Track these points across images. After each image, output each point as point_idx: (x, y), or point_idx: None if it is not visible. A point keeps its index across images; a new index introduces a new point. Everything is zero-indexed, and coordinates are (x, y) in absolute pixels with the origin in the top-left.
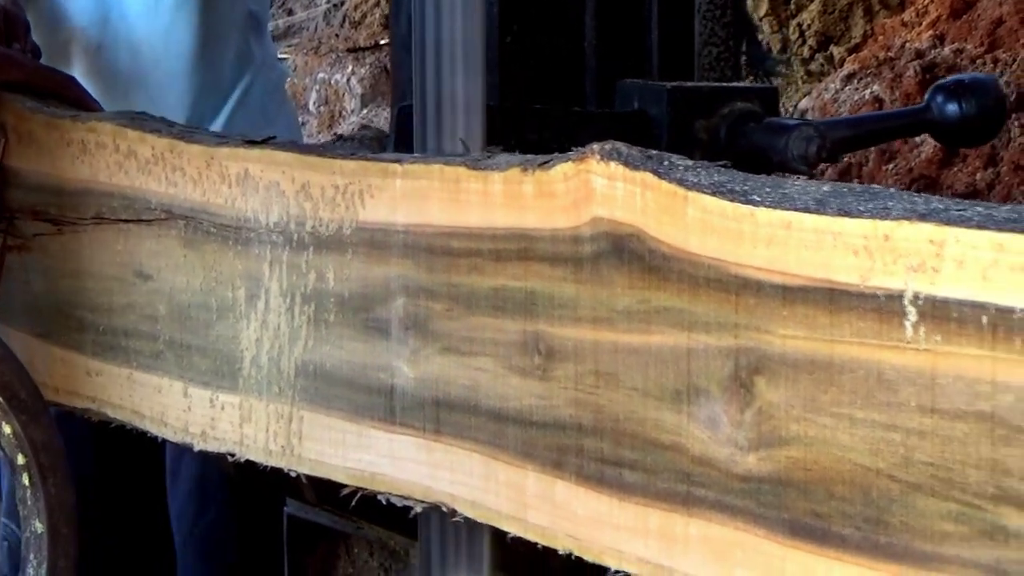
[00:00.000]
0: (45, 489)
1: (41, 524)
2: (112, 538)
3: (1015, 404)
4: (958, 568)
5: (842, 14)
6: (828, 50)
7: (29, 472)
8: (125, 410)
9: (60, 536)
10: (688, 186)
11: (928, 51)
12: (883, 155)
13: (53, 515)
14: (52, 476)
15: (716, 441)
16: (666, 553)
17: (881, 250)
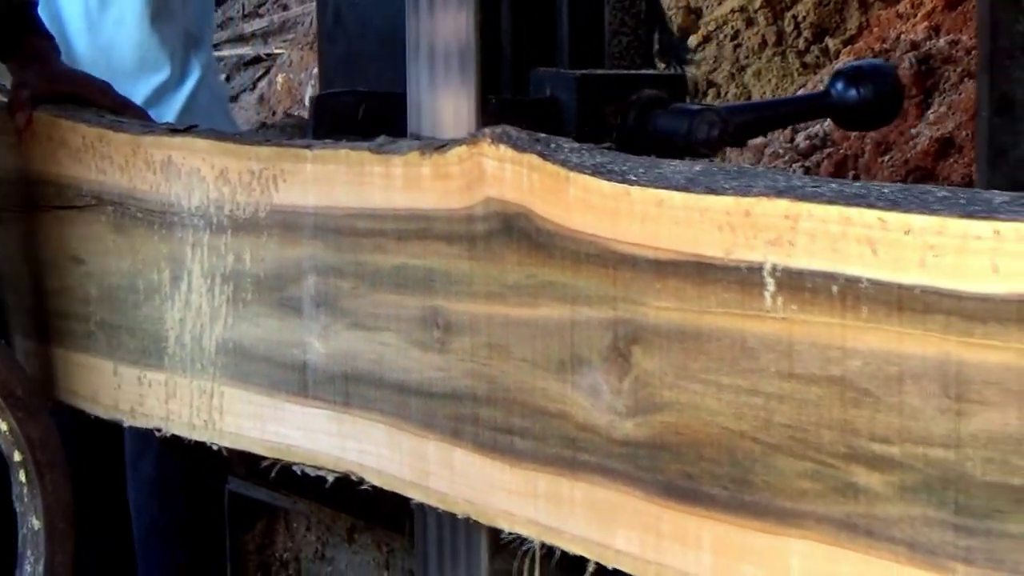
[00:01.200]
0: (42, 486)
1: (38, 521)
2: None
3: (863, 368)
4: (814, 523)
5: (837, 6)
6: (823, 42)
7: (26, 469)
8: (60, 389)
9: (57, 532)
10: (570, 167)
11: (923, 43)
12: (879, 147)
13: (50, 511)
14: (49, 473)
15: (598, 408)
16: (554, 515)
17: (743, 225)
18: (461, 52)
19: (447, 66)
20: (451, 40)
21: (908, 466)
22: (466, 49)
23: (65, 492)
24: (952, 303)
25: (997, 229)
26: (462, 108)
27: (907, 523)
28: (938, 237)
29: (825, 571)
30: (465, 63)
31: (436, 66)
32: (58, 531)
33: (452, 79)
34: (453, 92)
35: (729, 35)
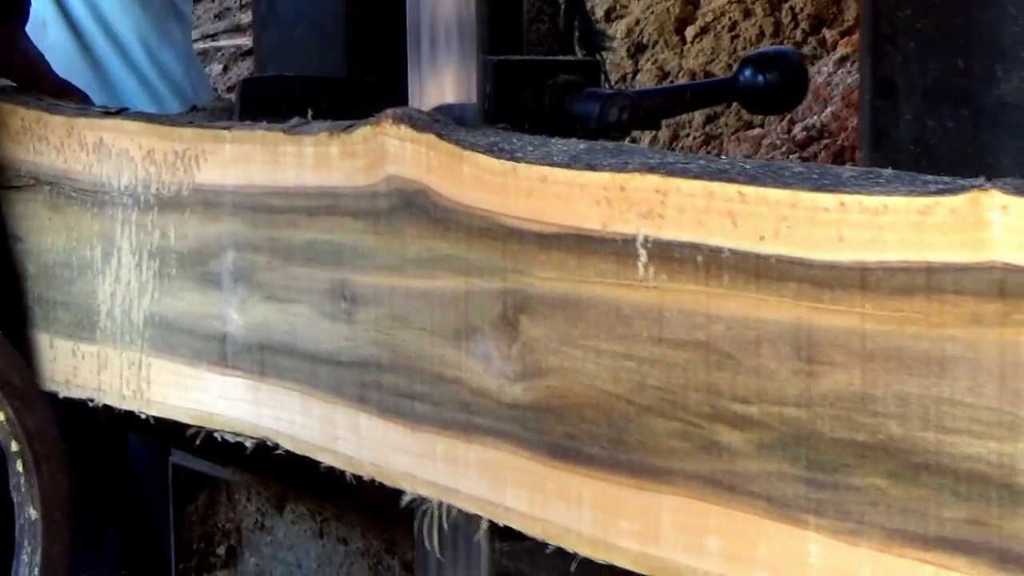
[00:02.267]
0: (39, 476)
1: (35, 511)
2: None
3: (725, 333)
4: (682, 480)
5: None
6: (820, 33)
7: (23, 459)
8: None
9: (55, 523)
10: (464, 146)
11: None
12: None
13: (47, 502)
14: (46, 463)
15: (489, 374)
16: (451, 476)
17: (618, 200)
18: (461, 29)
19: (447, 44)
20: (451, 17)
21: (765, 425)
22: (467, 25)
23: (62, 482)
24: (803, 271)
25: (842, 201)
26: (463, 86)
27: (765, 478)
28: (791, 209)
29: (692, 525)
30: (465, 39)
31: (437, 44)
32: (55, 522)
33: (452, 57)
34: (454, 69)
35: (727, 26)
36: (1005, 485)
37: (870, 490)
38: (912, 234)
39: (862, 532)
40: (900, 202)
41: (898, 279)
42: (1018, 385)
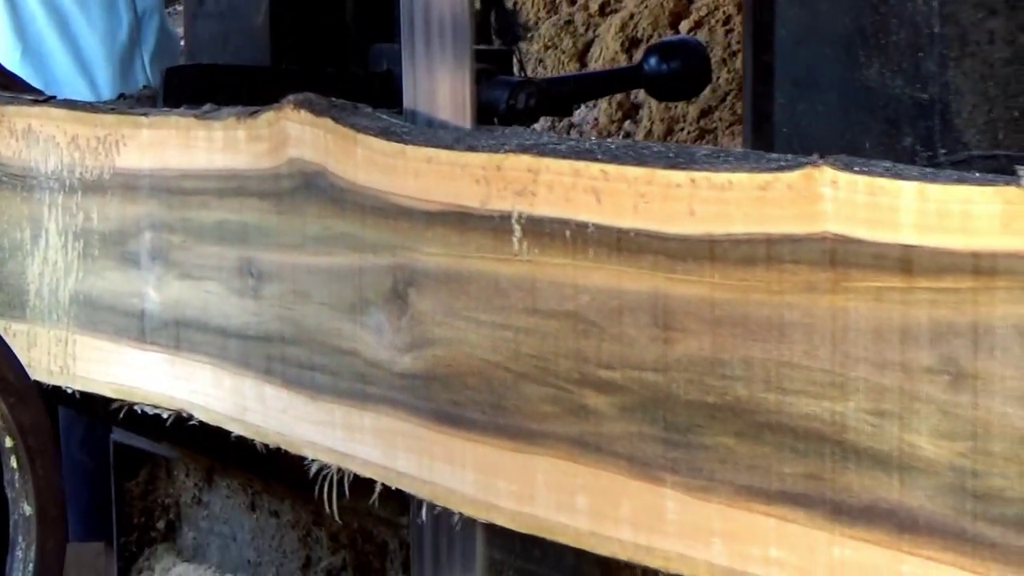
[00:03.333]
0: (33, 471)
1: (30, 506)
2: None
3: (591, 303)
4: (554, 442)
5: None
6: None
7: (17, 455)
8: None
9: (49, 518)
10: (358, 129)
11: None
12: None
13: (42, 497)
14: (40, 458)
15: (381, 345)
16: (348, 442)
17: (495, 178)
18: (455, 27)
19: (442, 42)
20: (446, 15)
21: (627, 388)
22: (460, 24)
23: (57, 478)
24: (659, 244)
25: (693, 178)
26: (458, 83)
27: (627, 439)
28: (647, 186)
29: (563, 484)
30: (459, 38)
31: (432, 42)
32: (49, 517)
33: (447, 55)
34: (449, 67)
35: (721, 20)
36: (837, 442)
37: (720, 448)
38: (754, 208)
39: (713, 488)
40: (744, 178)
41: (742, 250)
42: (847, 348)
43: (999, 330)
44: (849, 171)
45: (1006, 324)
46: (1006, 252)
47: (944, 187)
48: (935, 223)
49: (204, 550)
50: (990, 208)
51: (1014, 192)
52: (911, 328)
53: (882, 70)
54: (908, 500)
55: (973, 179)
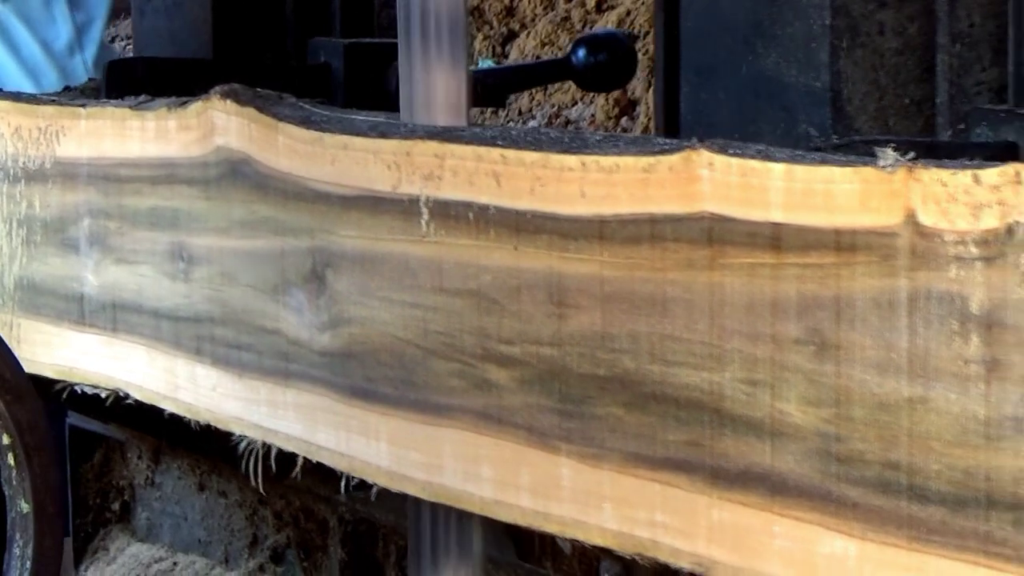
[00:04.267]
0: (31, 469)
1: (27, 504)
2: None
3: (492, 281)
4: (460, 414)
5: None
6: None
7: (14, 452)
8: None
9: (46, 515)
10: (280, 118)
11: None
12: None
13: (39, 494)
14: (38, 455)
15: (302, 324)
16: (272, 418)
17: (405, 164)
18: (452, 27)
19: (438, 41)
20: (443, 15)
21: (525, 363)
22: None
23: (54, 475)
24: (553, 224)
25: (583, 161)
26: (454, 81)
27: (526, 411)
28: (543, 169)
29: (469, 455)
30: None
31: (428, 42)
32: (47, 514)
33: (443, 54)
34: (446, 66)
35: None
36: (715, 410)
37: (609, 418)
38: (639, 189)
39: (604, 456)
40: (630, 161)
41: (628, 230)
42: (723, 321)
43: (858, 303)
44: (724, 153)
45: (865, 297)
46: (864, 229)
47: (809, 168)
48: (801, 202)
49: (157, 530)
50: (849, 187)
51: (870, 172)
52: (780, 302)
53: (778, 60)
54: (779, 464)
55: (835, 160)
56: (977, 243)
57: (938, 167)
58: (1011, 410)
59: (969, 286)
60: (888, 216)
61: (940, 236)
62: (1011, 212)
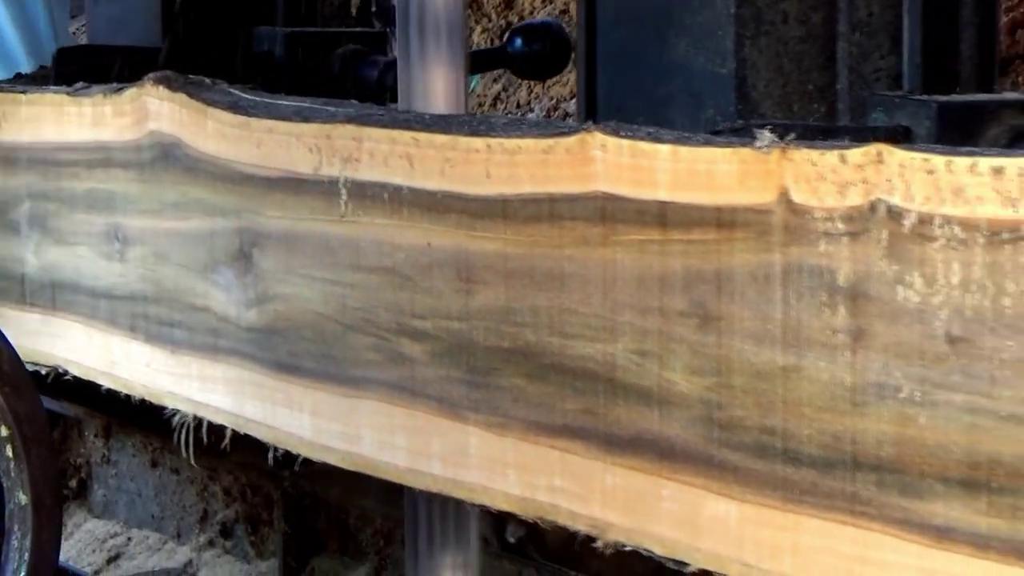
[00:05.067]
0: (29, 460)
1: (25, 496)
2: None
3: (406, 259)
4: (376, 386)
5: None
6: None
7: (13, 444)
8: None
9: (45, 507)
10: (209, 103)
11: None
12: None
13: (37, 486)
14: (36, 448)
15: (230, 302)
16: (202, 392)
17: (326, 147)
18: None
19: (437, 39)
20: (440, 14)
21: (436, 337)
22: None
23: (52, 467)
24: (462, 204)
25: (488, 144)
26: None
27: (437, 383)
28: (452, 152)
29: (384, 425)
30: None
31: (427, 39)
32: (45, 506)
33: (442, 51)
34: (444, 64)
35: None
36: (608, 380)
37: (513, 389)
38: (539, 170)
39: (508, 425)
40: (531, 143)
41: (529, 209)
42: (616, 295)
43: (737, 277)
44: (616, 136)
45: (743, 271)
46: (743, 206)
47: (693, 149)
48: (686, 181)
49: (113, 507)
50: (729, 167)
51: (748, 153)
52: (667, 276)
53: (687, 47)
54: (667, 431)
55: (716, 141)
56: (843, 219)
57: (809, 148)
58: (874, 377)
59: (836, 260)
60: (764, 194)
61: (810, 213)
62: (874, 190)
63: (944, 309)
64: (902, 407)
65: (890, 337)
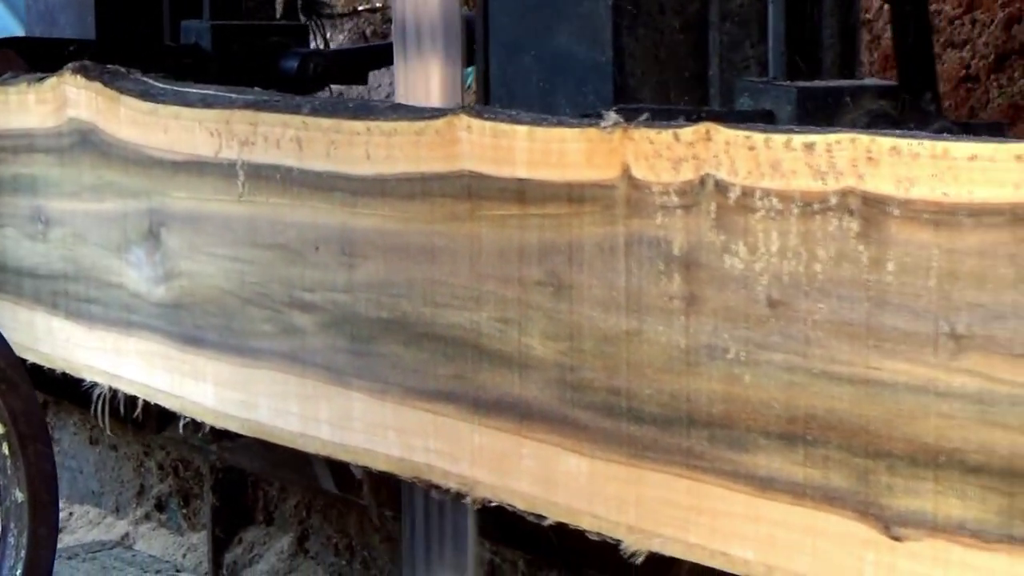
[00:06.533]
0: (25, 458)
1: (22, 493)
2: None
3: (297, 236)
4: (271, 356)
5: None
6: None
7: (9, 441)
8: None
9: (41, 504)
10: (122, 91)
11: None
12: None
13: (33, 484)
14: (32, 445)
15: (141, 279)
16: (117, 365)
17: (225, 132)
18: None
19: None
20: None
21: (324, 308)
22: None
23: (48, 464)
24: (344, 183)
25: (368, 126)
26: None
27: (325, 352)
28: (336, 134)
29: (278, 393)
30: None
31: (423, 36)
32: (41, 503)
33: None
34: (440, 60)
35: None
36: (475, 346)
37: (391, 356)
38: (413, 151)
39: (387, 390)
40: (405, 126)
41: (405, 187)
42: (480, 267)
43: (587, 248)
44: (480, 118)
45: (591, 243)
46: (590, 182)
47: (547, 130)
48: (540, 160)
49: None
50: (578, 146)
51: (595, 132)
52: (525, 248)
53: (570, 37)
54: (526, 393)
55: (567, 122)
56: (677, 193)
57: (647, 127)
58: (705, 339)
59: (672, 231)
60: (608, 171)
61: (649, 188)
62: (703, 165)
63: (765, 275)
64: (729, 367)
65: (719, 302)
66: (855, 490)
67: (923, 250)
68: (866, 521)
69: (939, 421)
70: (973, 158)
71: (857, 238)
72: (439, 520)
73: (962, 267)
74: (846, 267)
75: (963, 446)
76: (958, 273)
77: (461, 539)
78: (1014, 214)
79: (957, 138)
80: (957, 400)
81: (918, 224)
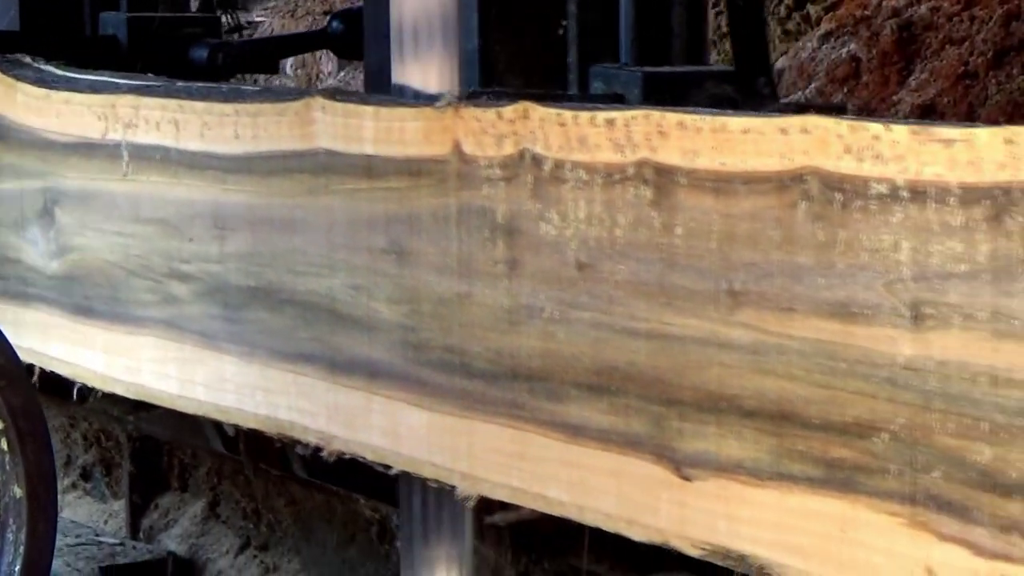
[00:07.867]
0: (24, 454)
1: (20, 489)
2: None
3: (176, 212)
4: (152, 324)
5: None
6: (805, 9)
7: (7, 437)
8: None
9: (39, 500)
10: (18, 78)
11: (904, 9)
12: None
13: (32, 480)
14: (31, 441)
15: (38, 254)
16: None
17: (112, 115)
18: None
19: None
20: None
21: (199, 278)
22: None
23: (47, 461)
24: (217, 162)
25: (236, 109)
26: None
27: (200, 319)
28: (209, 116)
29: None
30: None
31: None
32: (40, 499)
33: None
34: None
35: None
36: (330, 311)
37: (259, 321)
38: (275, 130)
39: (255, 354)
40: (269, 107)
41: (268, 164)
42: (334, 237)
43: (424, 218)
44: (333, 99)
45: (428, 213)
46: (427, 158)
47: (390, 109)
48: (385, 137)
49: None
50: (416, 124)
51: (430, 111)
52: (373, 219)
53: None
54: (374, 353)
55: (407, 103)
56: (500, 166)
57: (476, 106)
58: (525, 300)
59: (496, 201)
60: (442, 147)
61: (476, 162)
62: (522, 140)
63: (574, 240)
64: (546, 325)
65: (536, 265)
66: (652, 435)
67: (705, 215)
68: (661, 463)
69: (720, 370)
70: (746, 131)
71: (651, 205)
72: (436, 513)
73: (738, 230)
74: (642, 232)
75: (740, 392)
76: (735, 236)
77: (459, 532)
78: (780, 181)
79: (735, 114)
80: (735, 351)
81: (701, 191)
